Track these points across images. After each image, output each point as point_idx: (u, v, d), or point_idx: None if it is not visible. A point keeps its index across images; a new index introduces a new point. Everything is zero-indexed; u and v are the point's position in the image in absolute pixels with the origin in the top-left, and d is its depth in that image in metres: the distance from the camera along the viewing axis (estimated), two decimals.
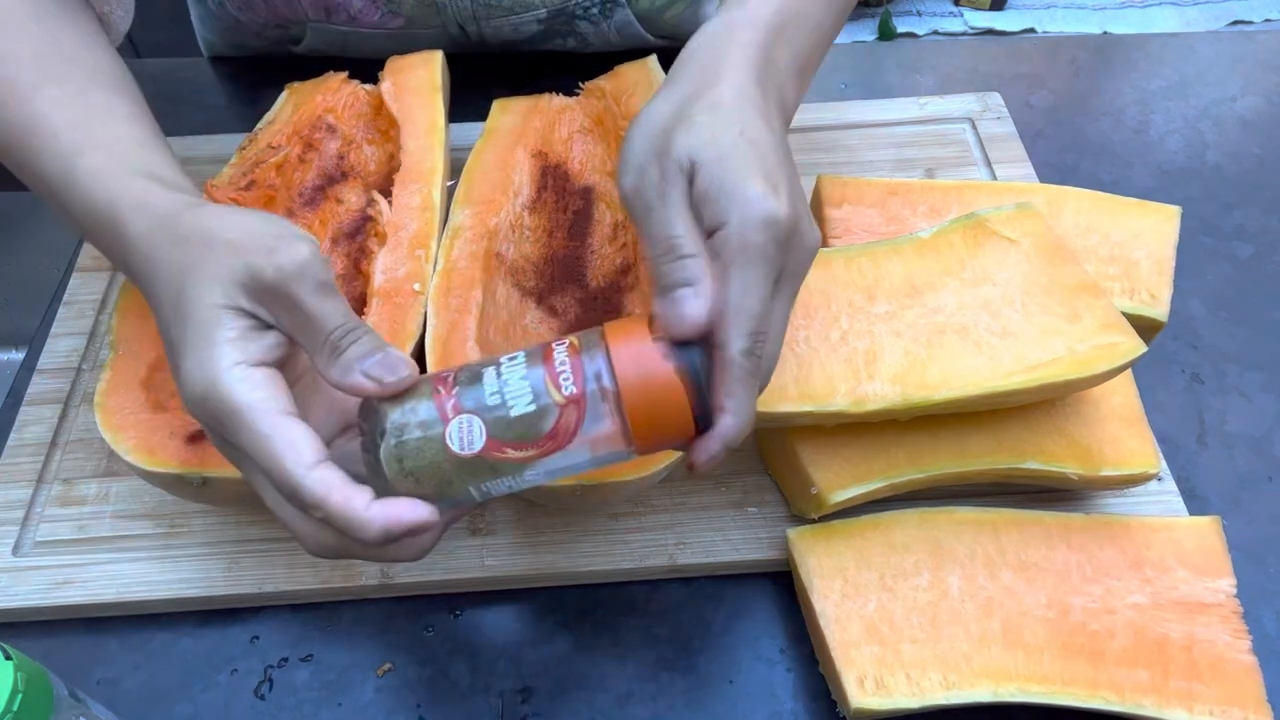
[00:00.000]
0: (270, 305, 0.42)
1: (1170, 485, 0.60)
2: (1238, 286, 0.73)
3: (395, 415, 0.40)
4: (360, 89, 0.73)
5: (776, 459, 0.59)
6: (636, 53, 0.76)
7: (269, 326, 0.42)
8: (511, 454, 0.40)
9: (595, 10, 0.82)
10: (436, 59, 0.73)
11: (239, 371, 0.40)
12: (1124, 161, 0.81)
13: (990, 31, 2.24)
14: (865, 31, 2.21)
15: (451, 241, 0.62)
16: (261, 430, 0.39)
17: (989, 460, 0.56)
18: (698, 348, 0.41)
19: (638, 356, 0.40)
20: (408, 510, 0.39)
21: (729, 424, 0.41)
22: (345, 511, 0.39)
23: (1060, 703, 0.50)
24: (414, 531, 0.40)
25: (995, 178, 0.76)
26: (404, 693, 0.54)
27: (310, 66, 0.75)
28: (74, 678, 0.47)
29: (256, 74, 0.88)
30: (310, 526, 0.41)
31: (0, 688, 0.39)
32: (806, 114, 0.81)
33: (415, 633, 0.56)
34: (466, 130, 0.75)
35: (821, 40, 0.53)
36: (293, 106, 0.71)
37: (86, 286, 0.70)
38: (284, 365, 0.43)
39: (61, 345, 0.67)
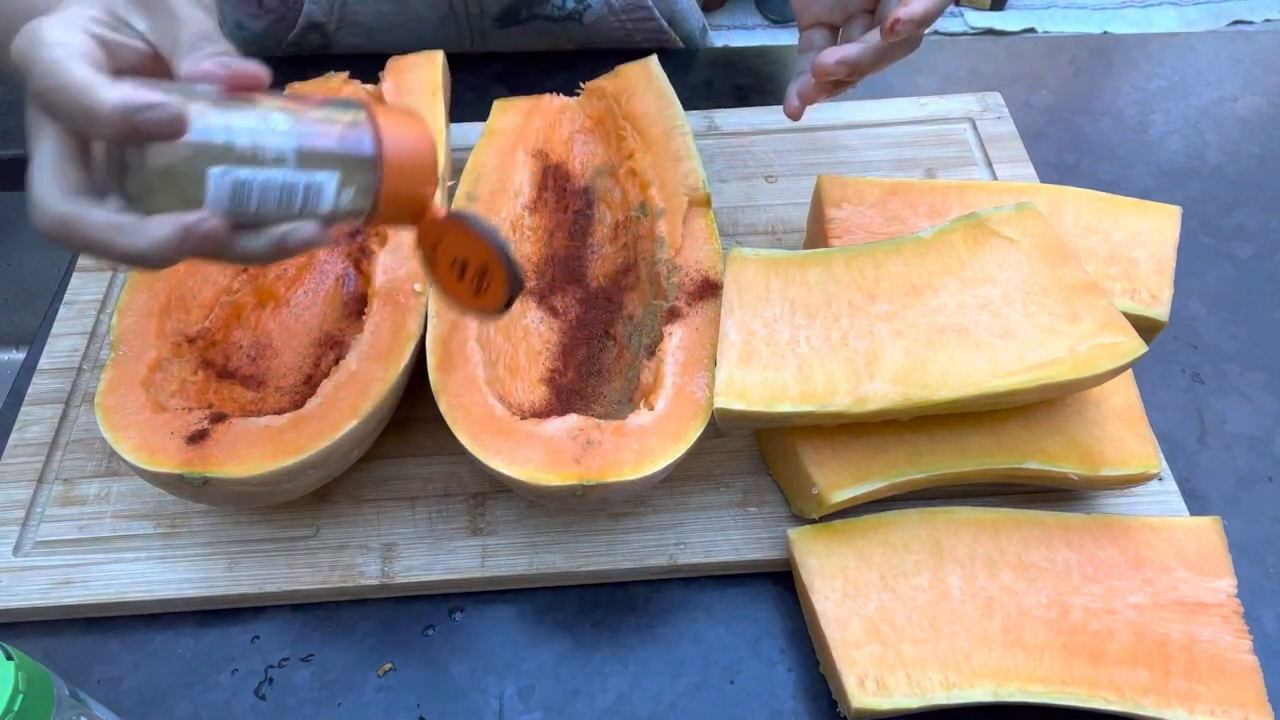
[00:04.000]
0: (145, 9, 0.43)
1: (1171, 485, 0.61)
2: (1238, 286, 0.73)
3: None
4: (361, 89, 0.73)
5: (777, 459, 0.59)
6: (637, 52, 0.76)
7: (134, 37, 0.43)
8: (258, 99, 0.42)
9: None
10: (437, 59, 0.73)
11: (65, 29, 0.40)
12: (1124, 161, 0.81)
13: (990, 31, 2.24)
14: None
15: None
16: (52, 55, 0.39)
17: (989, 460, 0.56)
18: None
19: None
20: (173, 218, 0.39)
21: None
22: (83, 83, 0.38)
23: (1060, 703, 0.50)
24: (150, 110, 0.38)
25: (995, 177, 0.76)
26: (404, 693, 0.54)
27: (311, 66, 0.75)
28: (74, 677, 0.47)
29: None
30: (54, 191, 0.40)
31: (1, 688, 0.39)
32: (807, 114, 0.80)
33: (415, 633, 0.56)
34: (467, 130, 0.75)
35: None
36: None
37: (87, 286, 0.70)
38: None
39: (62, 345, 0.67)
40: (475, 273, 0.49)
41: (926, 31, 0.58)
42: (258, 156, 0.41)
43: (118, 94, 0.38)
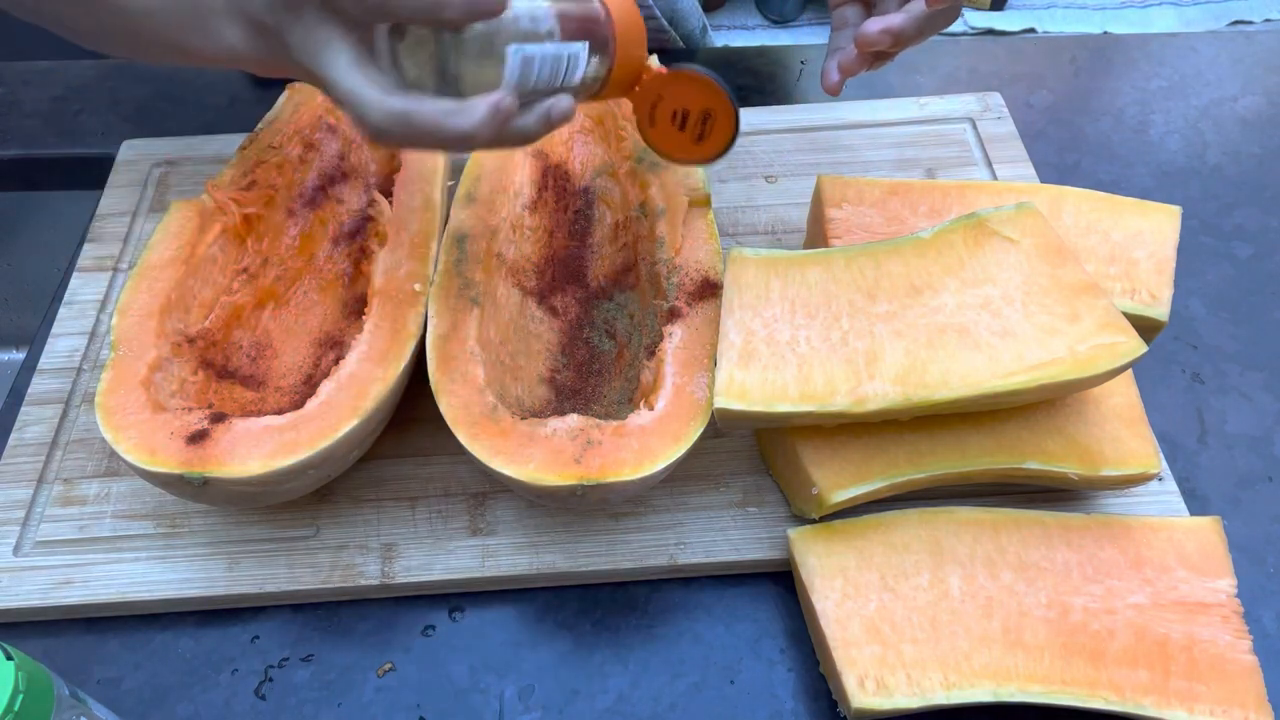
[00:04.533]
0: None
1: (1170, 485, 0.61)
2: (1238, 286, 0.73)
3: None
4: None
5: (777, 459, 0.59)
6: None
7: None
8: None
9: None
10: None
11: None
12: (1124, 161, 0.81)
13: (990, 31, 2.24)
14: None
15: (452, 241, 0.62)
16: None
17: (989, 460, 0.56)
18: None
19: None
20: (486, 99, 0.44)
21: None
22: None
23: (1060, 703, 0.50)
24: (501, 107, 0.43)
25: (995, 178, 0.76)
26: (404, 693, 0.54)
27: None
28: (74, 678, 0.47)
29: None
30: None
31: (1, 688, 0.39)
32: (806, 114, 0.81)
33: (415, 633, 0.56)
34: None
35: None
36: (293, 106, 0.71)
37: (86, 286, 0.70)
38: None
39: (62, 345, 0.67)
40: (696, 120, 0.55)
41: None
42: (536, 32, 0.45)
43: (479, 108, 0.42)
